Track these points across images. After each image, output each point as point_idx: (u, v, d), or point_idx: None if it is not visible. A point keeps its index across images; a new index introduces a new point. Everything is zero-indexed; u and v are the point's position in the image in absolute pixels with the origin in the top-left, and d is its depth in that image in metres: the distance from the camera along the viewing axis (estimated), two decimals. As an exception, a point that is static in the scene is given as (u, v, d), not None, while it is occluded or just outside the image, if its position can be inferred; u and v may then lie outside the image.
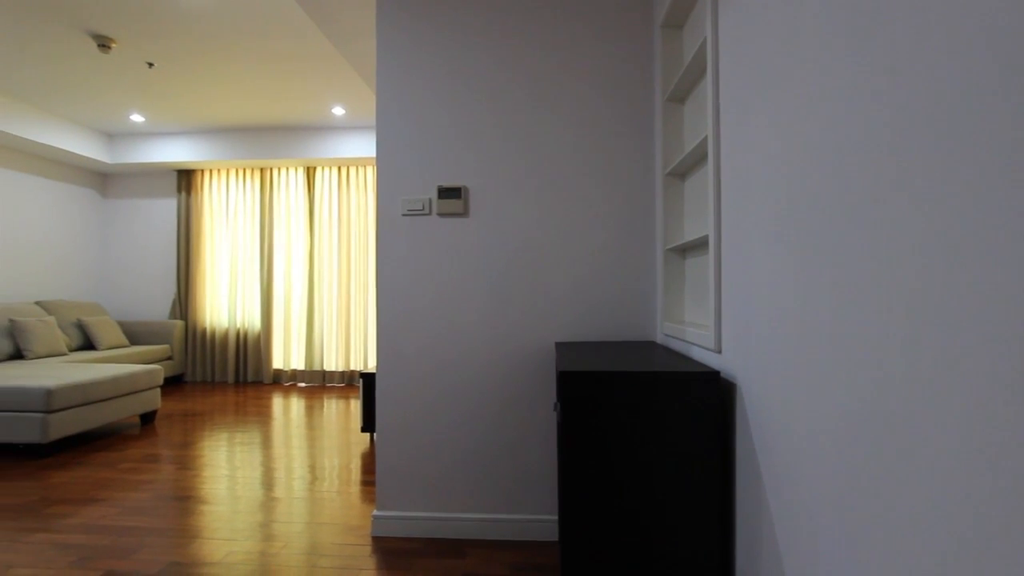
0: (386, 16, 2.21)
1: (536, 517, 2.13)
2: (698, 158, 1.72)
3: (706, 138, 1.52)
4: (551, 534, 2.12)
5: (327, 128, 5.42)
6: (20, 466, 3.10)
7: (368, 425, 3.42)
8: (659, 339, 2.10)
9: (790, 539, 1.02)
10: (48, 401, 3.20)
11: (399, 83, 2.20)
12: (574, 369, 1.29)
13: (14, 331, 4.39)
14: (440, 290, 2.19)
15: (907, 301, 0.68)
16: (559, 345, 1.96)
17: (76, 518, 2.37)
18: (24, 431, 3.20)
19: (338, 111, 4.89)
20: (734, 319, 1.32)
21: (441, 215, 2.18)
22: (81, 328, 5.10)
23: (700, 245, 1.75)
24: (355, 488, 2.73)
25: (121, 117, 5.06)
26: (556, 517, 2.13)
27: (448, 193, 2.14)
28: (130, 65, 3.92)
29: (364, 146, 5.40)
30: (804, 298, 0.96)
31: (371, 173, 5.76)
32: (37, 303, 4.98)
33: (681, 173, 1.94)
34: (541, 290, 2.15)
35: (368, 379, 3.41)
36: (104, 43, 3.53)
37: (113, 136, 5.65)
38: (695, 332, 1.57)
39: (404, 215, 2.19)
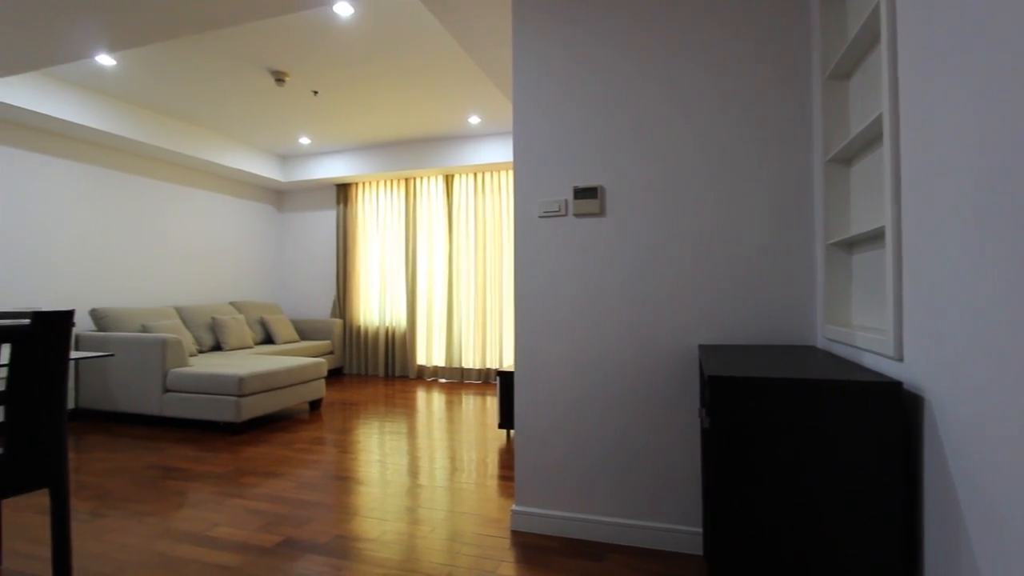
0: (522, 21, 2.26)
1: (676, 527, 2.04)
2: (869, 140, 1.53)
3: (880, 116, 1.34)
4: (692, 547, 2.02)
5: (464, 137, 5.71)
6: (220, 440, 3.67)
7: (505, 422, 3.53)
8: (819, 343, 1.90)
9: (1003, 584, 0.86)
10: (240, 387, 3.76)
11: (534, 86, 2.24)
12: (726, 374, 1.21)
13: (215, 327, 5.22)
14: (577, 290, 2.18)
15: None
16: (703, 348, 1.86)
17: (262, 488, 2.75)
18: (223, 411, 3.79)
19: (474, 120, 5.12)
20: (921, 324, 1.14)
21: (577, 216, 2.17)
22: (263, 325, 5.91)
23: (873, 239, 1.55)
24: (493, 482, 2.83)
25: (292, 140, 5.78)
26: (700, 530, 2.01)
27: (584, 193, 2.13)
28: (299, 94, 4.46)
29: (498, 152, 5.60)
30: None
31: (505, 177, 5.95)
32: (231, 303, 5.87)
33: (846, 159, 1.73)
34: (682, 290, 2.06)
35: (505, 377, 3.51)
36: (280, 77, 4.05)
37: (286, 158, 6.48)
38: (867, 337, 1.39)
39: (541, 217, 2.22)
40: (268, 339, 5.94)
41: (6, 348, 2.74)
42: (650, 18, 2.09)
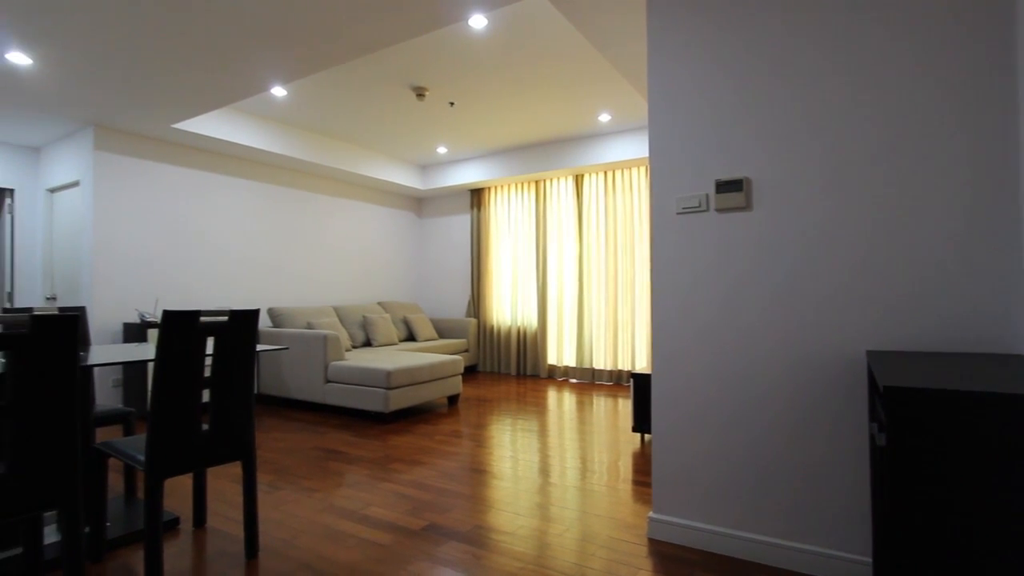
0: (657, 9, 2.18)
1: (837, 553, 1.83)
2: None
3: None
4: (861, 578, 1.79)
5: (594, 135, 5.66)
6: (371, 428, 4.02)
7: (639, 425, 3.44)
8: (1028, 353, 1.58)
9: None
10: (388, 380, 4.08)
11: (671, 76, 2.15)
12: (909, 385, 1.05)
13: (365, 325, 5.74)
14: (721, 290, 2.06)
15: None
16: (872, 354, 1.64)
17: (408, 475, 2.96)
18: (373, 402, 4.15)
19: (604, 117, 5.06)
20: None
21: (719, 210, 2.04)
22: (406, 323, 6.38)
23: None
24: (627, 486, 2.76)
25: (430, 151, 6.17)
26: (868, 559, 1.79)
27: (727, 187, 2.00)
28: (436, 106, 4.74)
29: (629, 148, 5.47)
30: None
31: (636, 174, 5.80)
32: (379, 303, 6.42)
33: (1067, 129, 1.43)
34: (843, 289, 1.84)
35: (639, 379, 3.42)
36: (420, 92, 4.34)
37: (424, 167, 6.93)
38: (1102, 345, 1.13)
39: (679, 213, 2.12)
40: (410, 336, 6.39)
41: (210, 341, 3.26)
42: (803, -10, 1.91)
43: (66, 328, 1.53)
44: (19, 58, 3.09)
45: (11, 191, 4.88)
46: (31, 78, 3.38)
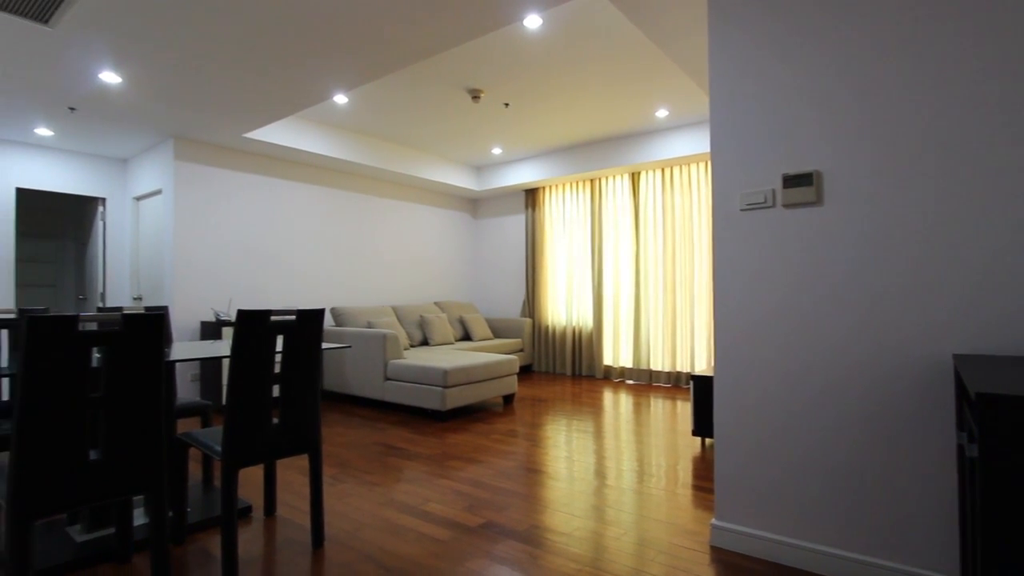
0: (717, 5, 2.11)
1: (917, 570, 1.70)
2: None
3: None
4: (947, 599, 1.67)
5: (651, 132, 5.55)
6: (429, 426, 4.10)
7: (700, 429, 3.34)
8: None
9: None
10: (445, 379, 4.15)
11: (735, 67, 2.07)
12: (1006, 392, 0.97)
13: (422, 324, 5.86)
14: (788, 290, 1.96)
15: None
16: (960, 358, 1.52)
17: (465, 472, 3.00)
18: (431, 400, 4.23)
19: (661, 113, 4.95)
20: None
21: (787, 206, 1.95)
22: (462, 323, 6.46)
23: None
24: (687, 491, 2.69)
25: (485, 152, 6.22)
26: (956, 579, 1.66)
27: (796, 181, 1.91)
28: (491, 108, 4.78)
29: (688, 145, 5.32)
30: None
31: (695, 172, 5.63)
32: (435, 303, 6.54)
33: None
34: (928, 288, 1.71)
35: (700, 382, 3.32)
36: (475, 94, 4.38)
37: (479, 168, 7.00)
38: None
39: (743, 210, 2.05)
40: (466, 336, 6.48)
41: (279, 339, 3.43)
42: (879, -30, 1.79)
43: (154, 326, 1.64)
44: (110, 77, 3.35)
45: (103, 200, 5.31)
46: (120, 95, 3.66)
